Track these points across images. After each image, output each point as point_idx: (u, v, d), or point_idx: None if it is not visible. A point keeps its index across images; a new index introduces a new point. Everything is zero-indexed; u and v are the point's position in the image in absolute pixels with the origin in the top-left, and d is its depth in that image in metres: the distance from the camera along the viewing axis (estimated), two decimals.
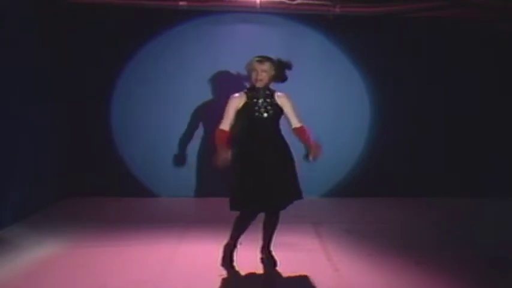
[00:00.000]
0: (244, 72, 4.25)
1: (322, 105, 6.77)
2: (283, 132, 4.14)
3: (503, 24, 6.79)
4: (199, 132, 6.70)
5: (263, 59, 4.01)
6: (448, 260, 4.42)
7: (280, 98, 4.09)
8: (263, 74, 3.98)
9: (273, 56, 4.10)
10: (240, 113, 4.06)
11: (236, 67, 4.71)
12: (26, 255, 4.41)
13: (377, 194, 6.80)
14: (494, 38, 6.94)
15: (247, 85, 4.19)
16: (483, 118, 7.05)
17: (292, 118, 4.16)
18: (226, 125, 4.07)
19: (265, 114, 4.01)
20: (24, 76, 5.66)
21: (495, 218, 5.92)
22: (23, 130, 5.60)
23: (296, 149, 4.17)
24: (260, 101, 4.03)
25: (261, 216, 4.14)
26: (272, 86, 4.13)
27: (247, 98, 4.05)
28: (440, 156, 7.04)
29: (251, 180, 3.90)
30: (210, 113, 6.45)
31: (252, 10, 6.53)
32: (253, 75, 4.01)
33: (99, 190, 6.60)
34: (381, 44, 6.82)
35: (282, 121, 4.15)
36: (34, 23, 5.95)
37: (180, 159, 6.68)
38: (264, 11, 6.54)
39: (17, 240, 4.79)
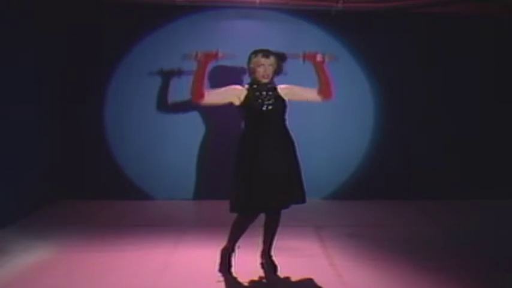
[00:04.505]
0: (243, 69, 4.14)
1: (323, 105, 6.59)
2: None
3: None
4: (198, 133, 6.57)
5: (268, 53, 3.94)
6: (455, 265, 4.34)
7: (285, 89, 4.00)
8: (270, 68, 3.92)
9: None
10: (242, 108, 3.92)
11: (235, 64, 4.62)
12: (17, 261, 4.32)
13: (380, 196, 6.66)
14: (504, 34, 6.80)
15: (247, 82, 4.07)
16: (489, 120, 6.91)
17: (306, 90, 4.06)
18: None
19: (270, 107, 3.88)
20: (17, 76, 5.56)
21: (502, 221, 5.83)
22: (15, 131, 5.50)
23: (299, 148, 4.03)
24: (263, 93, 3.91)
25: (261, 219, 4.01)
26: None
27: (249, 91, 3.93)
28: (445, 158, 6.90)
29: (255, 180, 3.76)
30: (208, 112, 6.36)
31: (251, 5, 6.42)
32: (260, 70, 3.90)
33: (94, 192, 6.46)
34: (384, 42, 6.68)
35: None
36: (30, 22, 5.85)
37: (177, 161, 6.55)
38: (264, 6, 6.43)
39: (7, 245, 4.69)
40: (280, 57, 4.00)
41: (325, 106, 6.55)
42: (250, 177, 3.78)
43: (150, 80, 6.48)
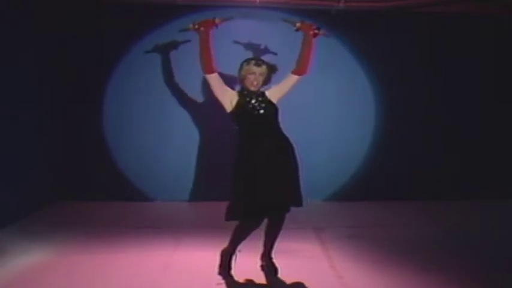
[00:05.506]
0: (234, 77, 4.15)
1: (324, 106, 6.63)
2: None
3: None
4: (197, 133, 6.55)
5: (260, 62, 3.99)
6: (455, 265, 4.33)
7: (270, 92, 4.04)
8: (260, 77, 3.95)
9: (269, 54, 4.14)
10: (234, 114, 3.93)
11: (235, 65, 4.60)
12: (17, 261, 4.30)
13: (381, 197, 6.64)
14: (504, 34, 6.77)
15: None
16: (489, 120, 6.88)
17: (283, 81, 4.09)
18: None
19: (262, 111, 3.90)
20: (17, 76, 5.54)
21: (501, 221, 5.81)
22: (15, 131, 5.49)
23: (299, 149, 4.02)
24: (254, 99, 3.93)
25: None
26: None
27: (240, 97, 3.95)
28: (445, 158, 6.88)
29: (254, 185, 3.74)
30: (207, 112, 6.34)
31: (251, 5, 6.41)
32: (251, 78, 3.93)
33: (92, 194, 6.43)
34: (385, 41, 6.64)
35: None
36: (30, 22, 5.84)
37: (176, 162, 6.53)
38: (264, 6, 6.41)
39: (7, 245, 4.68)
40: (273, 69, 4.05)
41: (326, 106, 6.61)
42: (249, 180, 3.76)
43: (150, 80, 6.46)
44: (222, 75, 4.05)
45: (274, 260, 4.08)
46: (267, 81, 4.06)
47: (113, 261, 4.35)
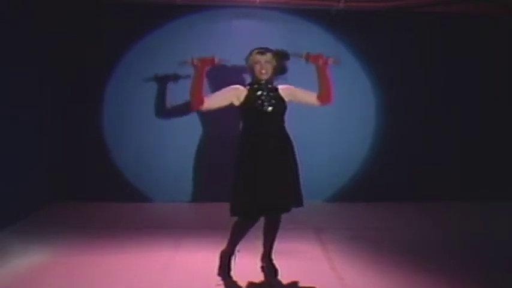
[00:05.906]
0: (243, 69, 4.13)
1: (325, 107, 6.58)
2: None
3: None
4: (197, 134, 6.55)
5: (264, 50, 3.92)
6: (456, 266, 4.33)
7: (286, 90, 3.98)
8: (267, 65, 3.89)
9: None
10: (241, 108, 3.91)
11: (234, 65, 4.61)
12: (17, 262, 4.29)
13: (381, 198, 6.63)
14: (504, 34, 6.77)
15: (248, 81, 4.07)
16: (489, 120, 6.87)
17: (307, 93, 4.04)
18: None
19: (270, 108, 3.85)
20: (17, 76, 5.53)
21: (502, 222, 5.82)
22: (15, 131, 5.48)
23: (299, 150, 4.01)
24: (264, 93, 3.88)
25: (261, 222, 3.97)
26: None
27: (249, 91, 3.91)
28: (445, 159, 6.88)
29: (254, 182, 3.73)
30: (207, 113, 6.31)
31: (251, 5, 6.41)
32: (257, 68, 3.88)
33: (91, 195, 6.42)
34: (386, 41, 6.64)
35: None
36: (30, 22, 5.84)
37: (176, 162, 6.52)
38: (264, 6, 6.41)
39: (7, 246, 4.67)
40: (280, 56, 3.95)
41: (327, 107, 6.57)
42: (250, 179, 3.75)
43: (150, 80, 6.45)
44: (224, 75, 4.02)
45: (275, 261, 4.06)
46: (279, 69, 3.97)
47: (112, 262, 4.33)
